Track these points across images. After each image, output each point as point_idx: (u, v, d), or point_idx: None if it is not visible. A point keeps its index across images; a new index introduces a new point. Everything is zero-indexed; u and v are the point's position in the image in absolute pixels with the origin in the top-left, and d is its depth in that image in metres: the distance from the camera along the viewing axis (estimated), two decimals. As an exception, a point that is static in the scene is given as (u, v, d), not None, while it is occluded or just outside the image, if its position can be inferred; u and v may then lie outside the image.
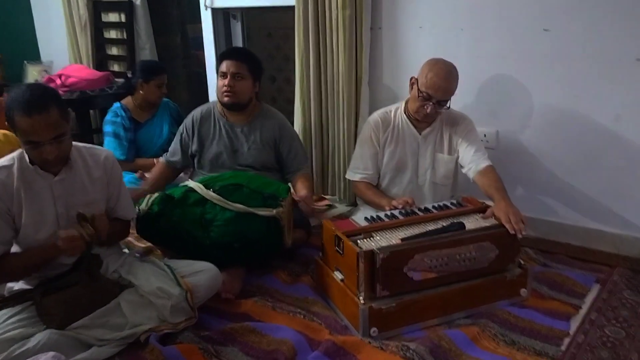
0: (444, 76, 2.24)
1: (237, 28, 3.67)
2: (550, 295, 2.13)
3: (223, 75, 2.52)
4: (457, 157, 2.41)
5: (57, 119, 1.72)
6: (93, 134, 3.94)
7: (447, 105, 2.32)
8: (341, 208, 3.02)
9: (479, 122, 2.57)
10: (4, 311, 1.80)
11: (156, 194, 2.26)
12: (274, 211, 2.14)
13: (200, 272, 2.02)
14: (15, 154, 1.83)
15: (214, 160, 2.59)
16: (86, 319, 1.82)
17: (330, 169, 3.08)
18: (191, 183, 2.25)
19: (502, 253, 2.01)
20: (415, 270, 1.89)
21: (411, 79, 2.35)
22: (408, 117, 2.42)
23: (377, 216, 2.16)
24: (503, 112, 2.62)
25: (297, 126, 3.09)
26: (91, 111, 4.16)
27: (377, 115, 2.49)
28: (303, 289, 2.20)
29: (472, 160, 2.32)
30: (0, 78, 4.30)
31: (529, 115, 2.55)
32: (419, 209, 2.20)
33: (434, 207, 2.22)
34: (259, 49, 3.87)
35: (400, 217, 2.13)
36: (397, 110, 2.46)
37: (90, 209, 1.91)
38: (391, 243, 1.92)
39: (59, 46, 4.40)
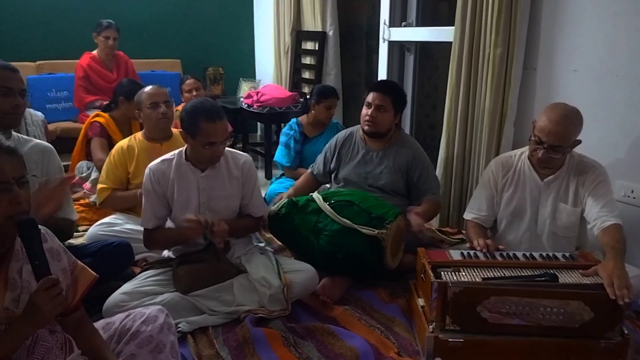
0: (557, 120, 2.14)
1: (409, 60, 3.89)
2: (658, 376, 1.89)
3: (368, 105, 2.72)
4: (582, 210, 2.25)
5: (227, 125, 2.20)
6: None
7: (563, 152, 2.19)
8: (473, 243, 3.00)
9: (627, 176, 2.37)
10: (149, 271, 2.29)
11: (286, 199, 2.60)
12: (376, 231, 2.29)
13: (300, 272, 2.29)
14: (176, 150, 2.32)
15: (347, 179, 2.83)
16: (205, 290, 2.21)
17: (468, 203, 3.08)
18: (314, 194, 2.54)
19: (599, 318, 1.85)
20: (490, 311, 1.87)
21: (533, 122, 2.28)
22: (531, 162, 2.34)
23: (474, 253, 2.17)
24: (656, 168, 2.36)
25: (441, 157, 3.18)
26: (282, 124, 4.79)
27: (500, 158, 2.46)
28: (394, 309, 2.31)
29: (597, 217, 2.15)
30: (220, 90, 5.21)
31: (685, 175, 2.27)
32: (524, 255, 2.15)
33: (540, 255, 2.14)
34: (445, 82, 3.99)
35: (499, 259, 2.12)
36: (521, 155, 2.39)
37: (227, 202, 2.34)
38: (473, 280, 1.94)
39: (267, 67, 5.16)
